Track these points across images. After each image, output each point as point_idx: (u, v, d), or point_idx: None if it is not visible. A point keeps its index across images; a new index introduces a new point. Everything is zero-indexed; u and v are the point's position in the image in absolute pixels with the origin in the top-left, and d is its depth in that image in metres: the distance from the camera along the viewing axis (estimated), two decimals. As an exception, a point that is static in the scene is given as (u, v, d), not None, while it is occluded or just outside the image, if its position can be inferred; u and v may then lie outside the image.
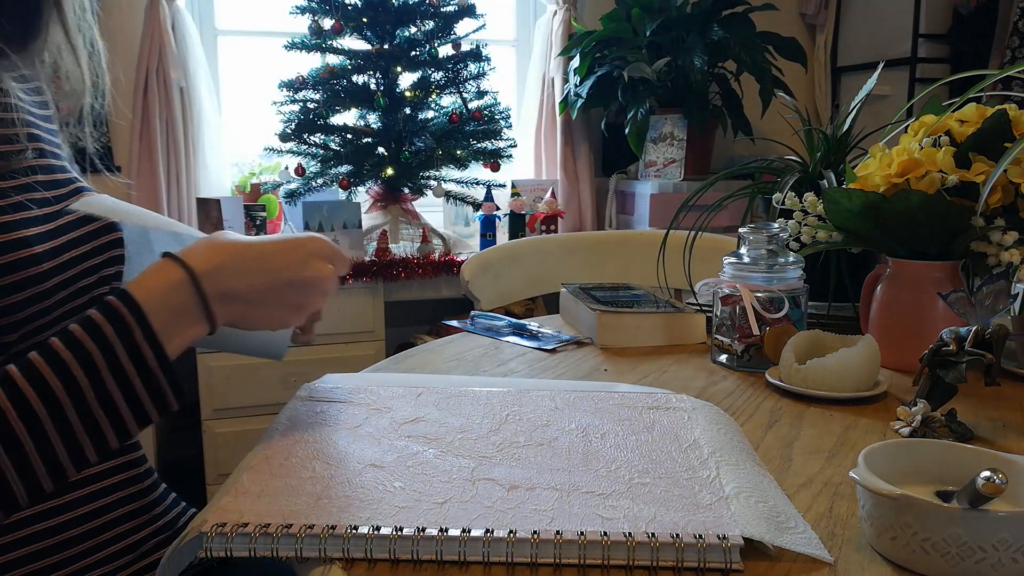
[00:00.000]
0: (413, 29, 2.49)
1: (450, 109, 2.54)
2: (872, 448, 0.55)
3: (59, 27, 0.74)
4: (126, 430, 0.58)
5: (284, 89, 2.45)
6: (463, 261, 1.66)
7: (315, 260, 0.65)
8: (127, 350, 0.57)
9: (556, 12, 2.86)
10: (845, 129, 1.15)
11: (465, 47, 2.55)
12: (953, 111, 0.95)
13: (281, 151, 2.47)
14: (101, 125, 0.94)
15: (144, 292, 0.59)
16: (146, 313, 0.58)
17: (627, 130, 2.62)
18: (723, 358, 0.97)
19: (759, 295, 0.92)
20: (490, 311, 1.30)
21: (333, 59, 2.47)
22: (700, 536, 0.49)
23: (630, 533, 0.50)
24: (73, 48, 0.75)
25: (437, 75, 2.51)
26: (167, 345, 0.58)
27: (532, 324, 1.16)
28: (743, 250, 0.95)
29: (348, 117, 2.51)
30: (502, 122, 2.57)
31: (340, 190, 2.44)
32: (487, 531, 0.50)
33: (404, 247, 2.47)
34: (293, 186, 2.42)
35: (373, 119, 2.50)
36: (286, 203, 2.43)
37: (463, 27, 2.53)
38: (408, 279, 2.35)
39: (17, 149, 0.70)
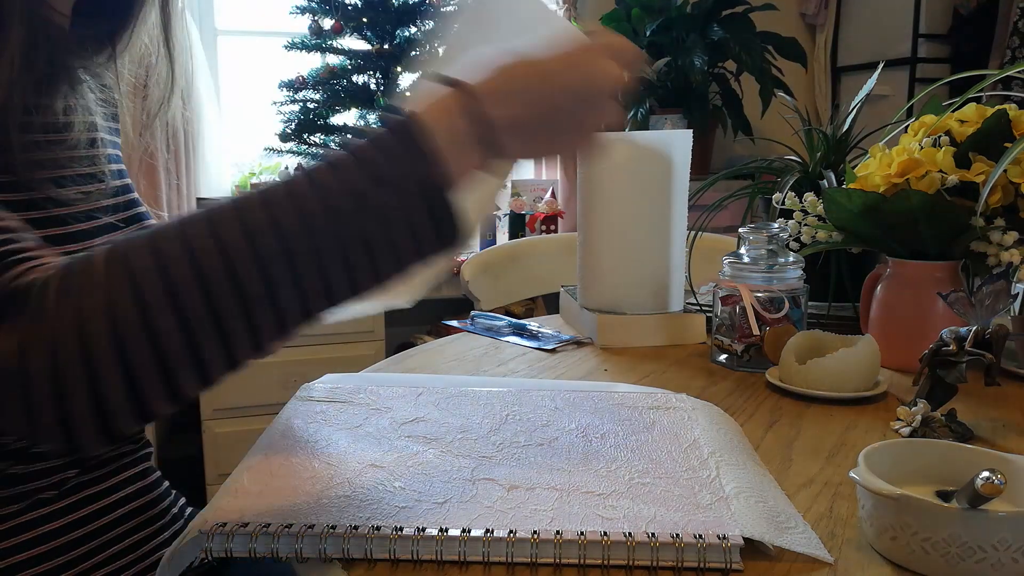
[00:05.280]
0: (413, 29, 2.49)
1: (450, 109, 2.54)
2: (872, 448, 0.55)
3: (158, 25, 0.69)
4: (397, 259, 0.51)
5: (284, 89, 2.45)
6: (463, 261, 1.66)
7: (603, 61, 0.54)
8: (412, 166, 0.49)
9: (556, 12, 2.86)
10: (845, 129, 1.15)
11: (465, 47, 2.55)
12: (953, 111, 0.95)
13: (281, 151, 2.47)
14: (176, 133, 0.90)
15: (426, 113, 0.51)
16: (432, 132, 0.50)
17: (627, 130, 2.62)
18: (723, 358, 0.97)
19: (759, 295, 0.92)
20: (490, 311, 1.30)
21: (333, 59, 2.48)
22: (700, 536, 0.49)
23: (630, 533, 0.49)
24: (169, 49, 0.70)
25: (437, 75, 2.52)
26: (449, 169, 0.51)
27: (532, 324, 1.16)
28: (743, 250, 0.95)
29: (348, 117, 2.51)
30: (502, 122, 2.57)
31: (340, 190, 2.44)
32: (487, 531, 0.50)
33: (404, 247, 2.47)
34: (293, 186, 2.43)
35: (373, 119, 2.50)
36: (286, 203, 2.43)
37: (463, 27, 2.54)
38: (408, 279, 2.35)
39: (99, 189, 0.67)
